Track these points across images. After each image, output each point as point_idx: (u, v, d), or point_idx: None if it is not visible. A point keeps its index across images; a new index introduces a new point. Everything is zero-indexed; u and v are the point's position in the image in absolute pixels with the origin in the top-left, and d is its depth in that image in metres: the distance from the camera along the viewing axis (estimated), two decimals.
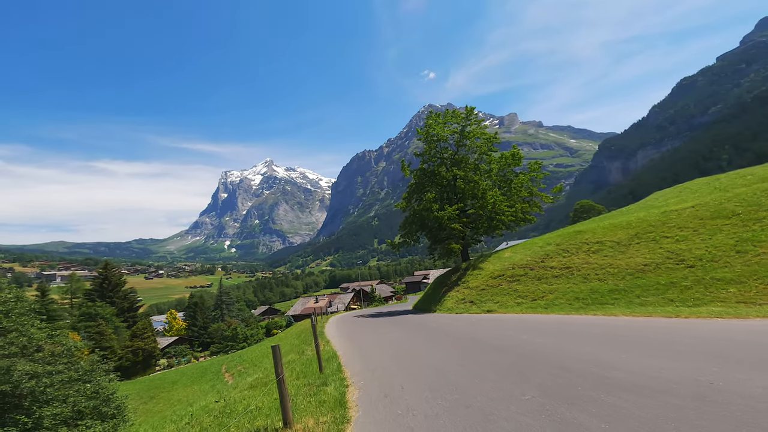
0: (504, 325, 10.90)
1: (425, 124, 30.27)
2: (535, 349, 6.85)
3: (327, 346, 11.04)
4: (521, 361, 6.14)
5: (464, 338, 9.58)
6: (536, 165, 26.60)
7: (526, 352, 6.75)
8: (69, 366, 12.43)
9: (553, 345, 7.02)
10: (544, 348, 6.87)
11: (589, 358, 5.77)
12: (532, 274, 15.96)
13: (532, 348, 7.00)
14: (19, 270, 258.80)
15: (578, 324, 9.32)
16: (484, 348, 7.65)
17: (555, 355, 6.20)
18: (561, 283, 13.88)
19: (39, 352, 11.31)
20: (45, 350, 11.46)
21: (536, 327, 9.63)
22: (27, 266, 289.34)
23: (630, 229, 14.50)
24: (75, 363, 12.10)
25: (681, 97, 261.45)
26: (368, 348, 9.94)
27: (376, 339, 12.03)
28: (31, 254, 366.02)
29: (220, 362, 26.69)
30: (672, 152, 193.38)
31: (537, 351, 6.69)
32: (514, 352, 6.88)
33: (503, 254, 20.96)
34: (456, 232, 24.78)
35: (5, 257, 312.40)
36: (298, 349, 12.78)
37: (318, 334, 16.58)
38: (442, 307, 21.36)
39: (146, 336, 49.77)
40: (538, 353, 6.50)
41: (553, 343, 7.15)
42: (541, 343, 7.30)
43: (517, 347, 7.22)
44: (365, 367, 7.29)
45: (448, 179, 28.01)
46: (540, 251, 17.30)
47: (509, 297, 15.62)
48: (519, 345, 7.43)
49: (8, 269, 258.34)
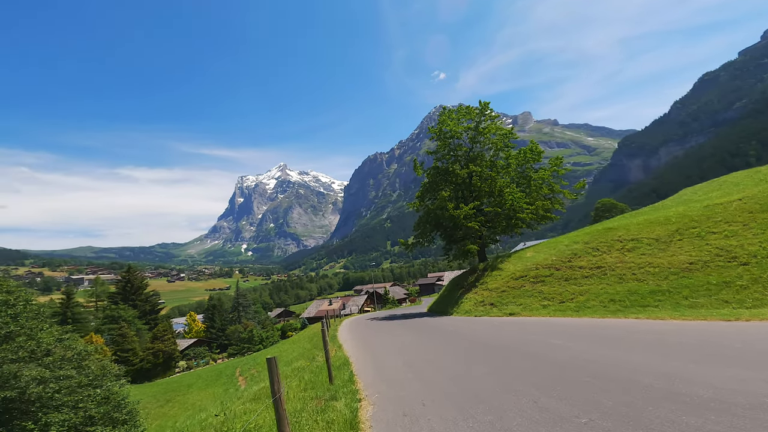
0: (532, 330, 9.92)
1: (438, 121, 29.34)
2: (574, 357, 5.92)
3: (339, 351, 10.35)
4: (563, 372, 5.23)
5: (488, 344, 8.68)
6: (557, 160, 25.26)
7: (564, 360, 5.83)
8: (80, 371, 12.24)
9: (596, 353, 6.07)
10: (585, 356, 5.93)
11: (647, 369, 4.82)
12: (559, 274, 14.82)
13: (569, 356, 6.07)
14: (49, 274, 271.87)
15: (618, 328, 8.27)
16: (513, 356, 6.76)
17: (601, 365, 5.27)
18: (592, 283, 12.73)
19: (48, 356, 11.15)
20: (54, 354, 11.29)
21: (570, 331, 8.63)
22: (56, 271, 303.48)
23: (669, 225, 13.20)
24: (85, 368, 11.90)
25: (703, 92, 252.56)
26: (383, 354, 9.18)
27: (390, 344, 11.26)
28: (59, 259, 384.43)
29: (235, 365, 26.51)
30: (697, 149, 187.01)
31: (578, 359, 5.76)
32: (550, 360, 5.97)
33: (524, 254, 19.80)
34: (473, 232, 23.74)
35: (35, 262, 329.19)
36: (309, 354, 12.16)
37: (330, 338, 15.87)
38: (459, 309, 20.37)
39: (166, 338, 50.56)
40: (580, 362, 5.58)
41: (595, 351, 6.19)
42: (580, 351, 6.35)
43: (553, 356, 6.30)
44: (380, 377, 6.54)
45: (463, 177, 26.99)
46: (566, 250, 16.12)
47: (534, 299, 14.54)
48: (554, 353, 6.50)
49: (38, 274, 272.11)
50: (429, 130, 29.98)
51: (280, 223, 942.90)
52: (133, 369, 46.62)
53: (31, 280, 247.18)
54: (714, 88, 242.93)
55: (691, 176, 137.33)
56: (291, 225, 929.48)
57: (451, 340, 10.26)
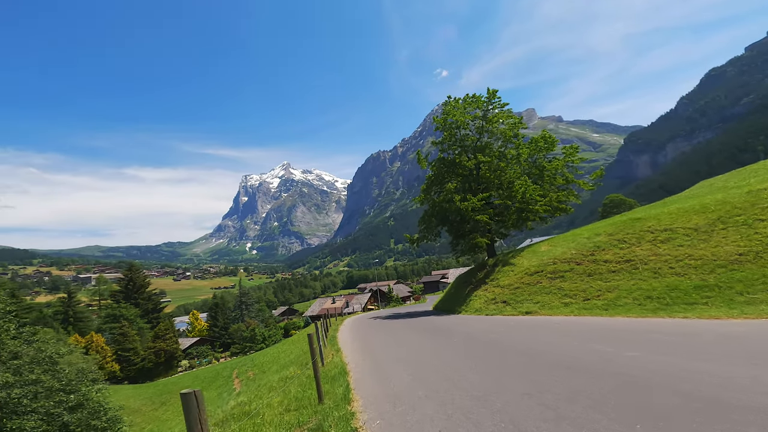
0: (561, 331, 8.59)
1: (443, 111, 27.84)
2: (640, 369, 4.58)
3: (336, 356, 9.09)
4: (636, 391, 3.90)
5: (510, 349, 7.36)
6: (572, 149, 23.73)
7: (628, 375, 4.50)
8: (54, 374, 11.17)
9: (664, 363, 4.71)
10: (653, 367, 4.58)
11: (747, 383, 3.50)
12: (580, 269, 13.42)
13: (631, 368, 4.74)
14: (57, 273, 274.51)
15: (670, 330, 6.90)
16: (554, 367, 5.44)
17: (685, 380, 3.93)
18: (622, 279, 11.32)
19: (15, 359, 10.09)
20: (22, 357, 10.23)
21: (612, 334, 7.28)
22: (64, 270, 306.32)
23: (708, 213, 11.73)
24: (60, 371, 10.86)
25: (710, 88, 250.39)
26: (386, 362, 7.91)
27: (395, 348, 9.98)
28: (68, 258, 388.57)
29: (234, 366, 25.50)
30: (705, 144, 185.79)
31: (647, 372, 4.43)
32: (609, 374, 4.63)
33: (539, 248, 18.39)
34: (481, 225, 22.37)
35: (43, 262, 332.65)
36: (304, 358, 10.92)
37: (328, 340, 14.59)
38: (468, 307, 19.06)
39: (168, 337, 49.76)
40: (650, 375, 4.25)
41: (662, 361, 4.83)
42: (644, 361, 4.99)
43: (608, 368, 4.95)
44: (383, 393, 5.27)
45: (470, 168, 25.59)
46: (587, 243, 14.69)
47: (553, 296, 13.17)
48: (608, 364, 5.14)
49: (46, 273, 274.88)
50: (434, 121, 28.53)
51: (284, 222, 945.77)
52: (134, 368, 46.00)
53: (39, 280, 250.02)
54: (721, 83, 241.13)
55: (700, 172, 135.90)
56: (295, 224, 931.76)
57: (467, 344, 8.95)
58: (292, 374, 7.59)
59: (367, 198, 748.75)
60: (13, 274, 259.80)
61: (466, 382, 5.27)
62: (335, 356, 9.05)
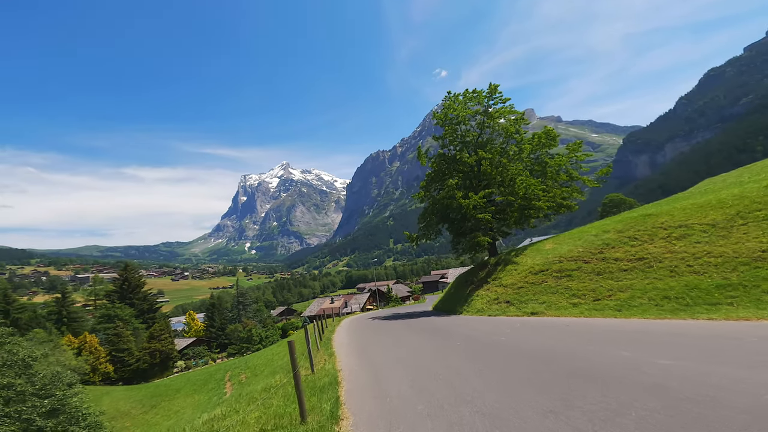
0: (568, 333, 7.89)
1: (442, 106, 27.12)
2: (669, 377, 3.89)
3: (329, 362, 8.38)
4: (691, 414, 3.21)
5: (519, 353, 6.67)
6: (576, 145, 23.06)
7: (662, 385, 3.81)
8: (29, 378, 10.46)
9: (716, 374, 4.02)
10: (691, 376, 3.90)
11: None
12: (589, 268, 12.74)
13: (657, 375, 4.05)
14: (55, 273, 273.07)
15: (699, 333, 6.23)
16: (561, 372, 4.75)
17: (746, 396, 3.25)
18: (635, 278, 10.65)
19: None
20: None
21: (634, 337, 6.58)
22: (62, 270, 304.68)
23: (726, 209, 11.07)
24: (32, 375, 10.17)
25: (709, 88, 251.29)
26: (384, 368, 7.21)
27: (393, 352, 9.28)
28: (66, 258, 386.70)
29: (227, 368, 24.79)
30: (704, 144, 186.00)
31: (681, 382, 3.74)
32: (635, 384, 3.95)
33: (543, 246, 17.72)
34: (483, 223, 21.70)
35: (41, 261, 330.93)
36: (300, 360, 10.19)
37: (323, 343, 13.83)
38: (470, 308, 18.38)
39: (163, 338, 48.94)
40: (689, 388, 3.57)
41: (712, 371, 4.14)
42: (677, 369, 4.31)
43: (635, 376, 4.27)
44: (378, 409, 4.58)
45: (471, 164, 24.92)
46: (595, 240, 14.02)
47: (560, 296, 12.49)
48: (642, 375, 4.46)
49: (44, 273, 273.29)
50: (433, 116, 27.79)
51: (283, 222, 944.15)
52: (129, 369, 45.16)
53: (37, 279, 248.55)
54: (720, 83, 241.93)
55: (699, 172, 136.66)
56: (294, 223, 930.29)
57: (468, 346, 8.26)
58: (278, 382, 6.88)
59: (367, 198, 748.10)
60: (11, 274, 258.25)
61: (474, 393, 4.58)
62: (328, 362, 8.34)
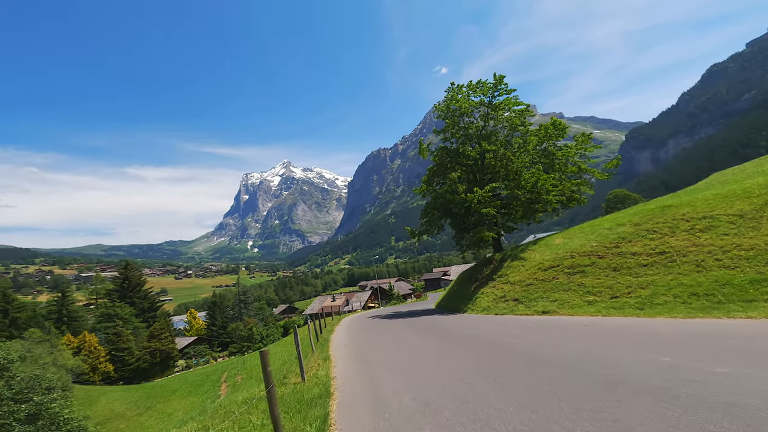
0: (589, 335, 7.10)
1: (445, 98, 26.14)
2: (746, 393, 3.11)
3: (322, 367, 7.59)
4: None
5: (537, 359, 5.90)
6: (584, 137, 22.13)
7: (742, 404, 3.03)
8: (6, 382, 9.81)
9: None
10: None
11: None
12: (603, 263, 11.92)
13: (726, 389, 3.27)
14: (59, 272, 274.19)
15: (745, 335, 5.42)
16: (595, 384, 3.97)
17: None
18: (657, 273, 9.82)
19: None
20: None
21: (658, 339, 5.79)
22: (66, 269, 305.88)
23: (753, 198, 10.21)
24: (10, 378, 9.53)
25: (712, 83, 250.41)
26: (383, 375, 6.45)
27: (395, 355, 8.52)
28: (70, 257, 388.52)
29: (225, 368, 24.20)
30: (707, 140, 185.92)
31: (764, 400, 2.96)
32: (702, 402, 3.17)
33: (552, 241, 16.89)
34: (488, 218, 20.87)
35: (45, 260, 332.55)
36: (283, 370, 9.36)
37: (319, 345, 13.00)
38: (474, 306, 17.62)
39: (163, 336, 48.36)
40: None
41: None
42: (749, 381, 3.52)
43: (694, 390, 3.49)
44: (376, 430, 3.82)
45: (474, 157, 24.08)
46: (610, 234, 13.17)
47: (573, 294, 11.69)
48: (687, 382, 3.67)
49: (48, 272, 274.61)
50: (435, 108, 26.85)
51: (285, 220, 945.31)
52: (129, 369, 44.67)
53: (41, 279, 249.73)
54: (722, 79, 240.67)
55: (702, 167, 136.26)
56: (296, 222, 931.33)
57: (477, 349, 7.49)
58: (262, 393, 6.15)
59: (368, 196, 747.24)
60: (15, 273, 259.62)
61: (490, 410, 3.81)
62: (321, 367, 7.56)
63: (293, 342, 20.46)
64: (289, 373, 7.88)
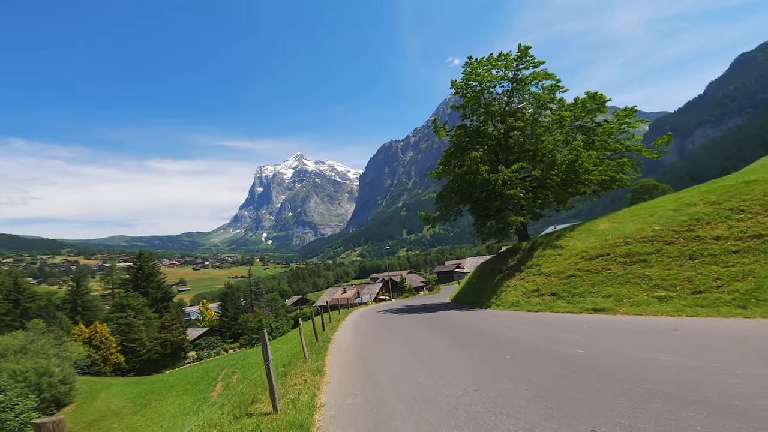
0: (694, 345, 4.87)
1: (463, 73, 23.36)
2: None
3: (309, 385, 5.43)
4: None
5: (645, 389, 3.74)
6: (628, 110, 19.21)
7: None
8: None
9: None
10: None
11: None
12: (674, 250, 9.47)
13: None
14: (84, 263, 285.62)
15: None
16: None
17: None
18: (755, 261, 7.39)
19: None
20: None
21: None
22: (90, 259, 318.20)
23: None
24: None
25: (740, 73, 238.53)
26: (393, 409, 4.38)
27: (414, 372, 6.47)
28: (94, 248, 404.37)
29: (225, 364, 22.95)
30: (735, 130, 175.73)
31: None
32: None
33: (594, 226, 14.39)
34: (514, 201, 18.42)
35: (71, 251, 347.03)
36: (277, 373, 7.46)
37: (320, 345, 10.79)
38: (500, 301, 15.41)
39: (174, 327, 47.91)
40: None
41: None
42: None
43: None
44: None
45: (497, 137, 21.56)
46: (677, 216, 10.66)
47: (634, 287, 9.33)
48: None
49: (74, 262, 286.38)
50: (452, 85, 24.08)
51: (298, 212, 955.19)
52: (140, 360, 44.41)
53: (67, 268, 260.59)
54: (751, 68, 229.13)
55: (730, 158, 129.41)
56: (308, 214, 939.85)
57: (529, 365, 5.36)
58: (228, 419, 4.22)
59: (380, 188, 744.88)
60: (42, 263, 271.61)
61: None
62: (308, 385, 5.42)
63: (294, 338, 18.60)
64: (284, 384, 5.86)
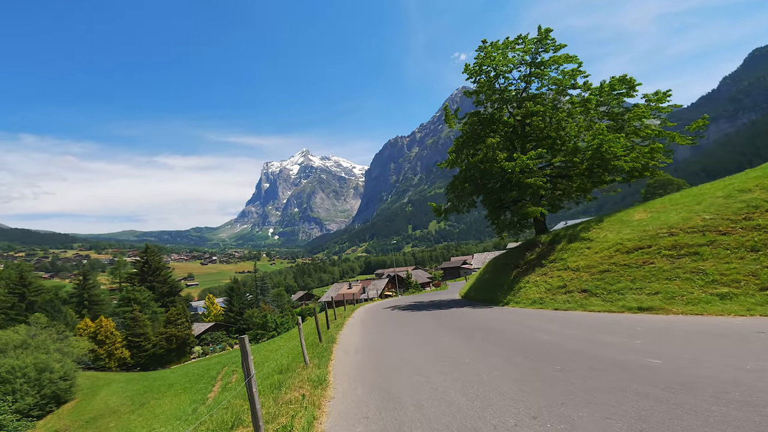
0: None
1: (476, 57, 21.76)
2: None
3: (306, 404, 4.17)
4: None
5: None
6: (662, 94, 17.62)
7: None
8: None
9: None
10: None
11: None
12: (731, 241, 8.17)
13: None
14: (95, 257, 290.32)
15: None
16: None
17: None
18: None
19: None
20: None
21: None
22: (101, 253, 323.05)
23: None
24: None
25: (754, 68, 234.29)
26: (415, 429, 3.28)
27: (439, 384, 5.32)
28: (105, 242, 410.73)
29: (227, 361, 22.22)
30: (749, 125, 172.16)
31: None
32: None
33: (628, 217, 13.03)
34: (533, 190, 17.09)
35: (83, 245, 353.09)
36: (268, 381, 6.31)
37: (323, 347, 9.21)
38: (518, 297, 14.21)
39: (179, 322, 47.45)
40: None
41: None
42: None
43: None
44: None
45: (513, 124, 20.17)
46: (730, 203, 9.31)
47: (686, 283, 8.06)
48: None
49: (85, 256, 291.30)
50: (465, 69, 22.49)
51: (304, 208, 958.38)
52: (145, 355, 44.04)
53: (78, 263, 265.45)
54: (765, 63, 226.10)
55: (745, 153, 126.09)
56: (314, 209, 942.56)
57: (597, 382, 4.21)
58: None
59: (385, 184, 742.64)
60: (54, 257, 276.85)
61: None
62: (308, 401, 4.23)
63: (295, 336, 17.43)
64: (275, 398, 4.74)
